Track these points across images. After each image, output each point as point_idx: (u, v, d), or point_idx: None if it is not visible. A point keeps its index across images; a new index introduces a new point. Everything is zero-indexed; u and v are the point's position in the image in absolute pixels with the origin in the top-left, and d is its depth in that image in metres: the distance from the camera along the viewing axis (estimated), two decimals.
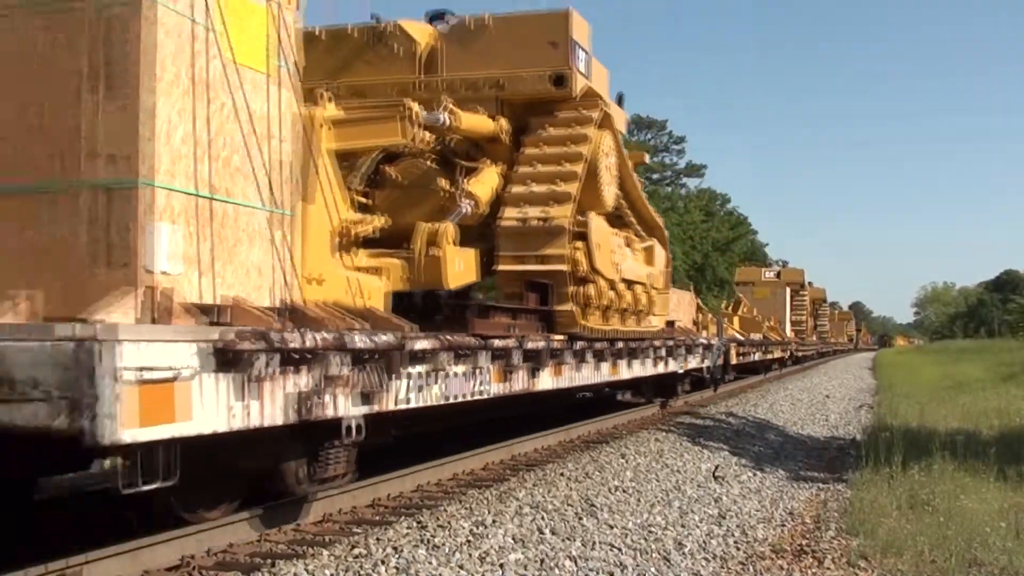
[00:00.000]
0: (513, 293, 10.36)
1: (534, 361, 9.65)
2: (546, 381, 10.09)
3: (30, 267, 5.43)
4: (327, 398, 6.17)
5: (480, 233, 10.40)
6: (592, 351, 11.34)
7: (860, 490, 10.24)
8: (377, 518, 7.47)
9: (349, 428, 6.54)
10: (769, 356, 31.02)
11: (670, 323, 16.15)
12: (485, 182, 10.48)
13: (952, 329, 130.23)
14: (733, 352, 22.51)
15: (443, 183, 10.14)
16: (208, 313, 5.68)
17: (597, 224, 11.33)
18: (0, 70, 5.66)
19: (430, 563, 6.19)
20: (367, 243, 8.39)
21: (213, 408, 5.21)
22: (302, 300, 6.78)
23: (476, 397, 8.58)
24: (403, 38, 11.13)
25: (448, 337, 7.84)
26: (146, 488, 5.02)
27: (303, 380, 5.94)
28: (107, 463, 7.65)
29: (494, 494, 8.54)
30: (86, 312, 5.10)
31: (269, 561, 5.98)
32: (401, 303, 8.44)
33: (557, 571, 6.47)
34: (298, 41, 7.06)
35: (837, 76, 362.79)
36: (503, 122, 10.95)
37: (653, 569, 6.90)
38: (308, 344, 5.83)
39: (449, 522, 7.26)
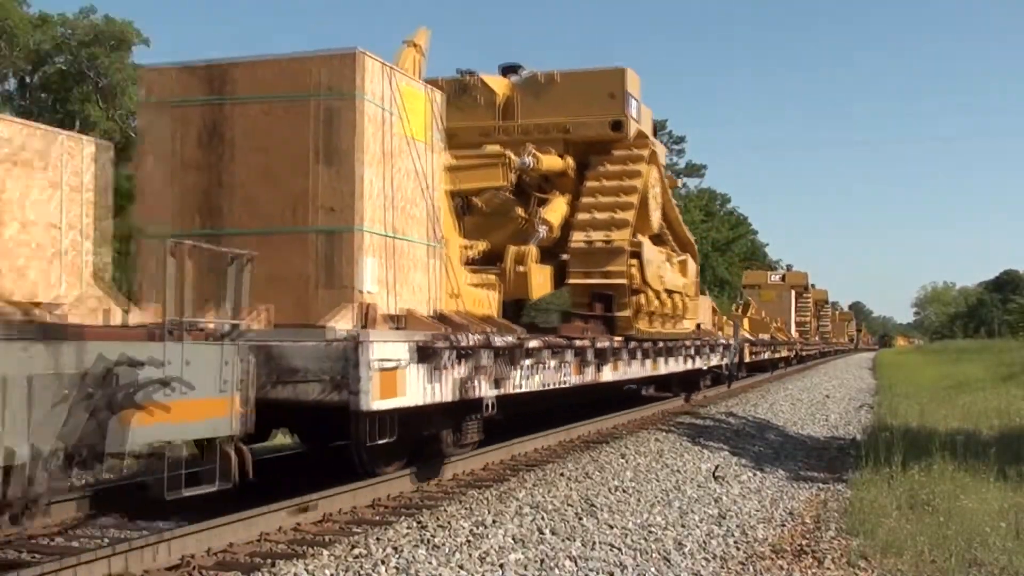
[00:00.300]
0: (581, 302, 12.82)
1: (601, 358, 12.27)
2: (607, 374, 12.68)
3: (268, 287, 7.17)
4: (476, 382, 8.75)
5: (551, 252, 12.90)
6: (641, 350, 13.98)
7: (860, 490, 10.24)
8: (377, 518, 7.47)
9: (487, 405, 9.12)
10: (777, 355, 33.13)
11: (698, 326, 18.30)
12: (556, 210, 13.07)
13: (952, 329, 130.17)
14: (746, 351, 24.63)
15: (520, 211, 12.84)
16: (393, 321, 8.09)
17: (647, 245, 13.82)
18: (252, 146, 7.94)
19: (430, 563, 6.19)
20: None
21: (417, 388, 7.71)
22: (446, 310, 9.29)
23: (560, 386, 11.06)
24: (484, 89, 13.64)
25: (548, 338, 10.66)
26: (381, 442, 7.62)
27: (463, 369, 8.47)
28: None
29: (494, 494, 8.54)
30: (317, 321, 7.33)
31: (269, 561, 5.98)
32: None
33: (557, 571, 6.47)
34: (442, 113, 9.40)
35: (838, 76, 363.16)
36: (569, 160, 13.64)
37: (653, 569, 6.90)
38: (471, 343, 8.52)
39: (449, 522, 7.26)
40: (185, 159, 8.11)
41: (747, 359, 25.06)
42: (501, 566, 6.34)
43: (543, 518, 7.71)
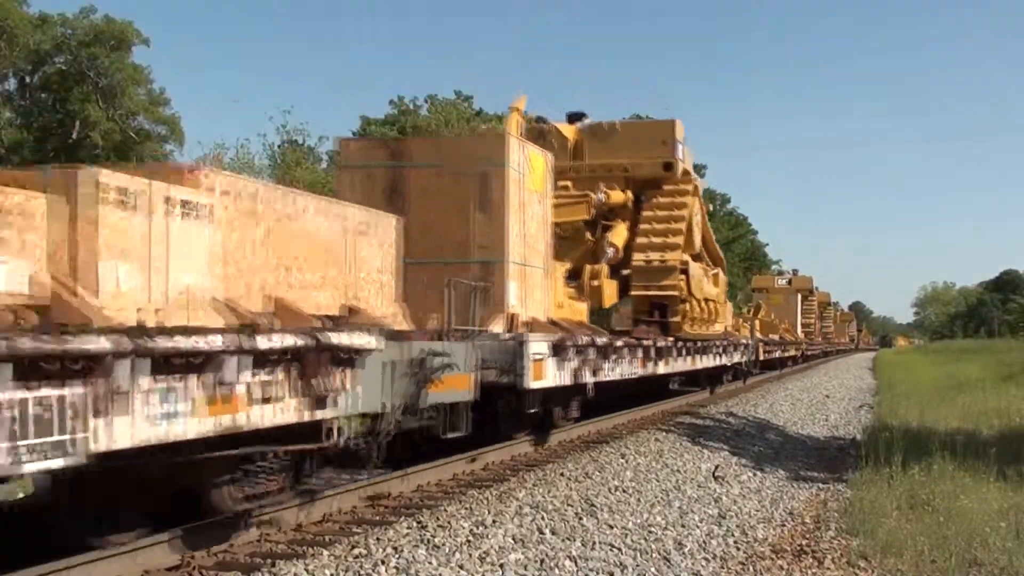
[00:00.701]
0: (641, 310, 15.99)
1: (659, 355, 15.61)
2: (662, 368, 16.01)
3: (439, 301, 9.12)
4: (584, 371, 11.92)
5: (615, 269, 16.12)
6: (686, 348, 17.36)
7: (860, 490, 10.24)
8: (377, 518, 7.47)
9: (588, 388, 12.29)
10: (785, 354, 36.66)
11: (725, 328, 20.93)
12: (619, 235, 16.48)
13: (952, 329, 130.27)
14: (760, 350, 27.81)
15: (588, 235, 16.04)
16: (526, 326, 10.76)
17: (692, 263, 17.18)
18: (425, 199, 10.72)
19: (430, 563, 6.19)
20: None
21: (551, 374, 10.79)
22: (555, 317, 12.13)
23: (630, 376, 14.18)
24: (558, 135, 16.73)
25: (627, 339, 14.11)
26: (531, 412, 10.86)
27: (576, 362, 11.66)
28: None
29: (494, 494, 8.54)
30: (478, 327, 9.57)
31: (269, 561, 5.98)
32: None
33: (557, 571, 6.47)
34: (552, 168, 12.51)
35: (838, 76, 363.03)
36: (629, 194, 16.97)
37: (653, 569, 6.90)
38: (583, 343, 11.85)
39: (449, 522, 7.26)
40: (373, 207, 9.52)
41: (761, 357, 28.11)
42: (501, 566, 6.34)
43: (543, 518, 7.71)
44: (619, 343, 13.45)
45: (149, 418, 4.84)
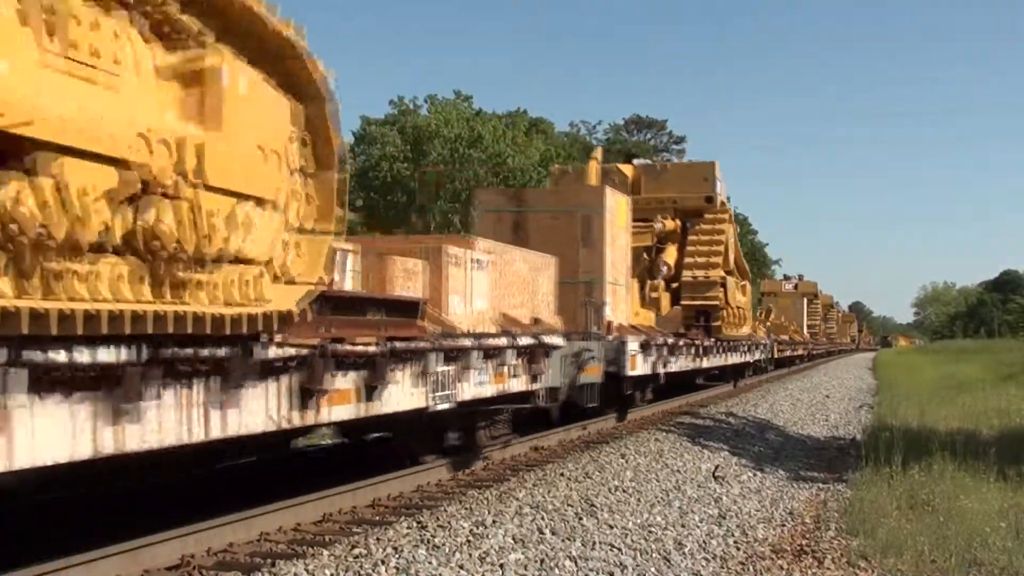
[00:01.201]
0: (689, 316, 20.31)
1: (705, 352, 19.72)
2: (706, 362, 20.12)
3: (557, 309, 12.13)
4: (658, 364, 15.64)
5: (667, 283, 20.60)
6: (722, 346, 21.45)
7: (860, 490, 10.24)
8: (377, 518, 7.48)
9: (660, 377, 16.18)
10: (795, 353, 41.27)
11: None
12: (670, 256, 21.00)
13: (952, 329, 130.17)
14: (775, 349, 32.48)
15: (645, 256, 19.87)
16: (618, 330, 14.35)
17: (728, 278, 21.66)
18: (541, 236, 13.95)
19: (430, 563, 6.19)
20: None
21: (641, 365, 14.44)
22: (633, 322, 16.15)
23: (685, 368, 18.27)
24: (619, 173, 20.99)
25: (685, 339, 18.14)
26: (627, 393, 14.89)
27: (653, 356, 15.40)
28: None
29: (494, 494, 8.54)
30: (594, 332, 12.94)
31: (269, 561, 5.98)
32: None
33: (557, 571, 6.48)
34: (631, 208, 16.64)
35: (838, 75, 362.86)
36: (677, 222, 21.32)
37: (653, 569, 6.90)
38: (659, 342, 15.95)
39: (449, 522, 7.26)
40: (504, 242, 12.14)
41: (776, 355, 32.76)
42: (501, 566, 6.34)
43: (543, 518, 7.71)
44: (680, 343, 17.66)
45: (476, 383, 8.79)
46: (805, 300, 48.45)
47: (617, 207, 15.30)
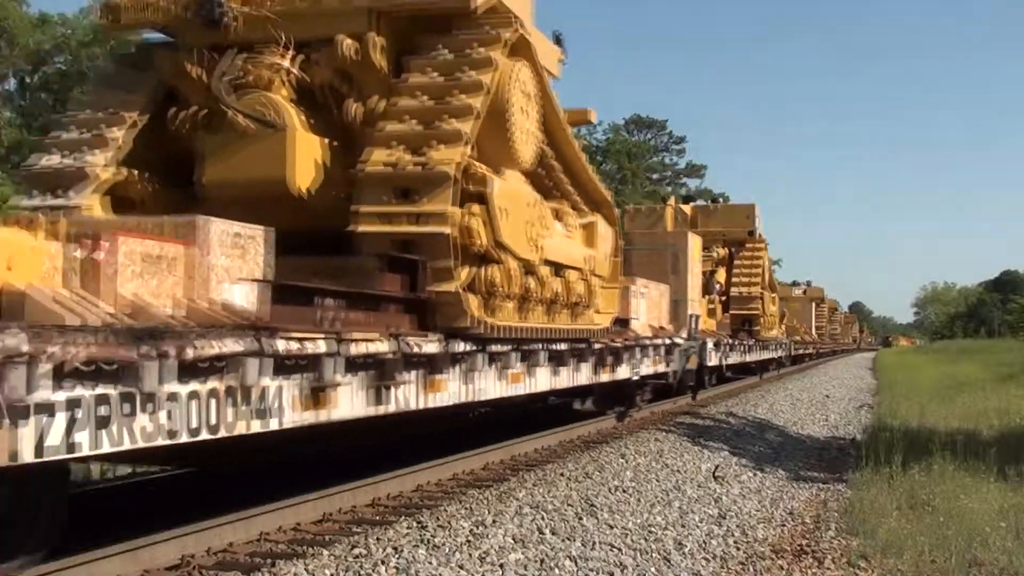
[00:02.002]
0: (736, 322, 27.49)
1: (750, 349, 25.96)
2: (750, 357, 26.33)
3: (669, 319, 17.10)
4: (723, 358, 21.14)
5: (718, 298, 26.97)
6: (759, 345, 28.10)
7: (860, 490, 10.24)
8: (377, 518, 7.48)
9: (724, 368, 22.08)
10: (806, 352, 46.32)
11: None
12: (721, 276, 27.92)
13: (952, 329, 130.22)
14: (792, 347, 36.75)
15: (702, 277, 23.22)
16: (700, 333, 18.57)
17: (764, 292, 29.01)
18: (646, 268, 18.09)
19: (430, 563, 6.19)
20: None
21: (715, 359, 20.03)
22: (703, 327, 20.05)
23: (738, 361, 23.80)
24: (682, 213, 27.05)
25: (738, 340, 24.39)
26: (703, 378, 20.10)
27: (721, 351, 20.85)
28: None
29: (494, 494, 8.54)
30: (673, 336, 16.46)
31: (269, 561, 5.98)
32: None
33: (557, 571, 6.47)
34: (701, 245, 21.99)
35: (838, 75, 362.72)
36: (725, 250, 29.43)
37: (653, 569, 6.90)
38: (725, 342, 21.74)
39: (449, 522, 7.26)
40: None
41: (792, 353, 37.16)
42: (501, 566, 6.34)
43: (543, 518, 7.71)
44: (736, 342, 23.25)
45: (647, 366, 14.30)
46: (813, 304, 52.78)
47: (693, 244, 20.70)
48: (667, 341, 15.53)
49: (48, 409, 4.04)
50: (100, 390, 4.28)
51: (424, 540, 6.67)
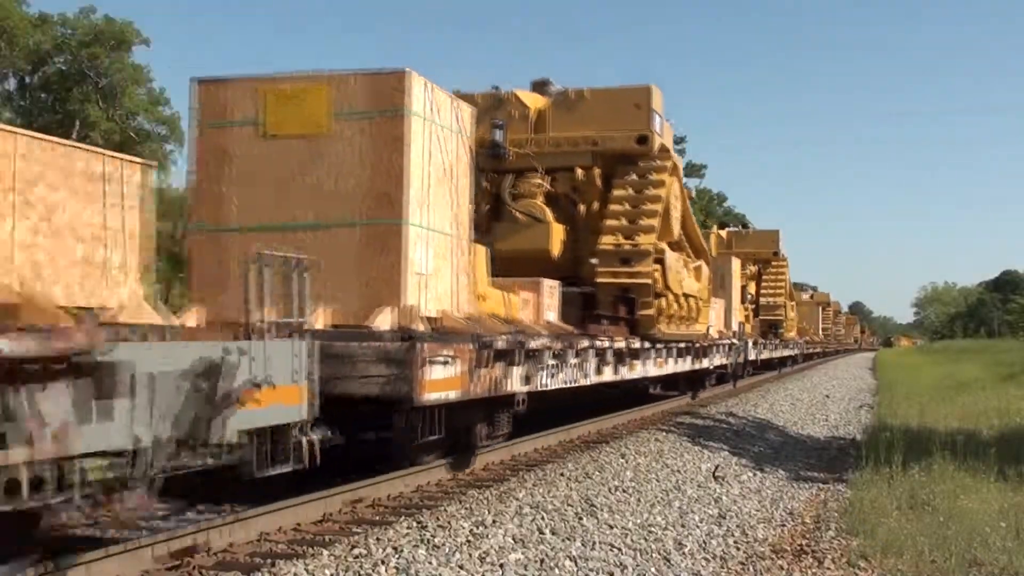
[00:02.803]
0: (765, 327, 32.12)
1: (775, 348, 31.99)
2: (776, 354, 32.40)
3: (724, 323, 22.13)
4: (758, 353, 27.03)
5: (749, 306, 29.76)
6: (785, 344, 33.85)
7: (860, 490, 10.24)
8: (377, 518, 7.47)
9: (757, 361, 27.45)
10: (815, 351, 51.23)
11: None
12: (752, 288, 31.92)
13: (952, 329, 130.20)
14: (805, 347, 42.59)
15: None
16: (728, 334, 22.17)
17: (787, 303, 33.26)
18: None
19: (430, 563, 6.19)
20: None
21: (753, 354, 25.90)
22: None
23: (767, 357, 30.87)
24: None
25: (767, 340, 30.90)
26: (745, 370, 25.06)
27: (757, 349, 27.19)
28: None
29: (494, 494, 8.54)
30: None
31: (269, 561, 5.98)
32: None
33: (557, 571, 6.47)
34: (740, 265, 27.02)
35: (838, 75, 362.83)
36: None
37: (653, 569, 6.90)
38: (760, 341, 28.89)
39: (449, 522, 7.26)
40: None
41: (805, 352, 42.74)
42: (501, 566, 6.34)
43: (543, 518, 7.71)
44: (765, 342, 28.73)
45: (719, 357, 20.71)
46: (820, 308, 56.39)
47: (736, 265, 24.78)
48: (727, 342, 21.14)
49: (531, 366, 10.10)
50: (550, 360, 10.61)
51: (424, 540, 6.67)
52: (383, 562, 6.10)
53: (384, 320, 8.15)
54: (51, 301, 5.58)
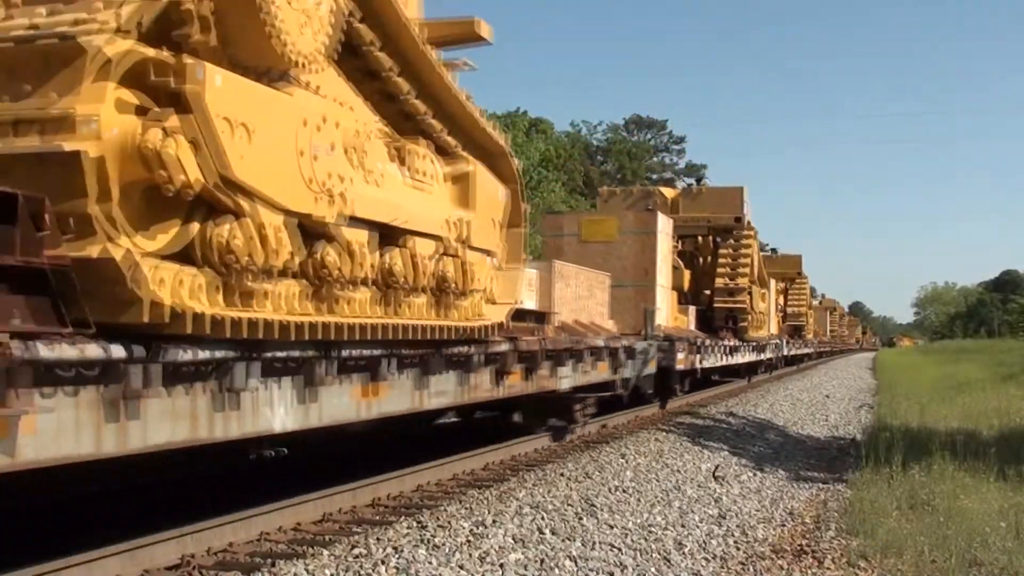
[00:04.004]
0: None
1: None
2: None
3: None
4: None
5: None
6: (805, 343, 43.13)
7: (860, 490, 10.24)
8: (377, 518, 7.48)
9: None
10: (824, 350, 57.08)
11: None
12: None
13: (952, 329, 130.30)
14: (818, 346, 48.01)
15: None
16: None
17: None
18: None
19: (430, 563, 6.19)
20: None
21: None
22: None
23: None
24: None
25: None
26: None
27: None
28: None
29: (494, 494, 8.54)
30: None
31: (269, 561, 5.98)
32: None
33: (557, 571, 6.47)
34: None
35: (837, 75, 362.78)
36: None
37: (653, 569, 6.90)
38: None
39: (449, 522, 7.26)
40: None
41: (818, 350, 48.66)
42: (501, 566, 6.34)
43: (543, 518, 7.71)
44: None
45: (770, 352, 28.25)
46: (828, 312, 62.85)
47: (774, 286, 23.67)
48: (774, 341, 23.86)
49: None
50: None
51: (424, 540, 6.67)
52: (383, 562, 6.10)
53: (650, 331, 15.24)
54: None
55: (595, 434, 13.53)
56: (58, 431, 4.16)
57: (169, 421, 4.88)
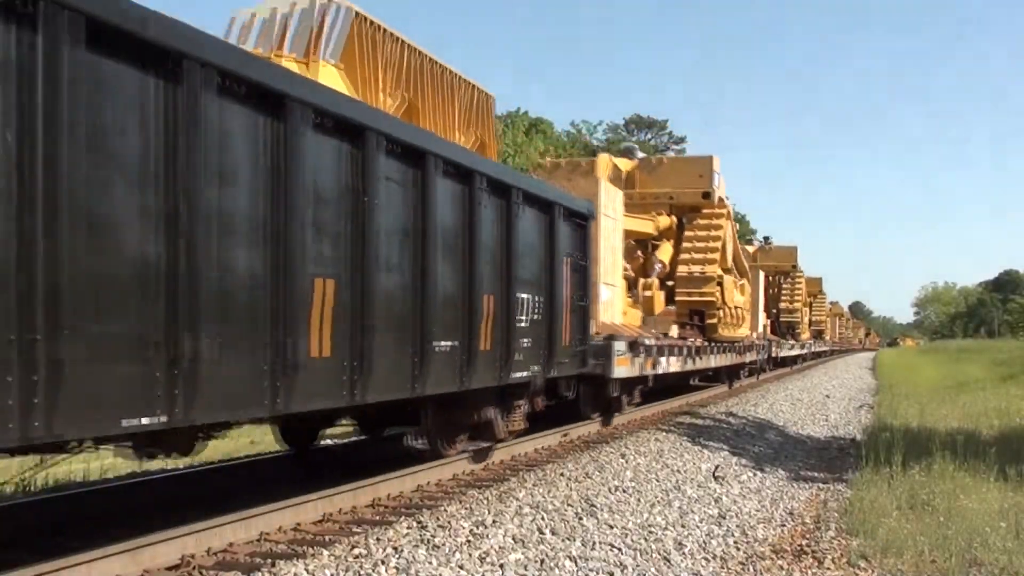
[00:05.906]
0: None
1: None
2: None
3: None
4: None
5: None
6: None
7: (860, 490, 10.24)
8: (377, 518, 7.47)
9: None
10: (831, 349, 60.54)
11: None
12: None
13: (952, 329, 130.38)
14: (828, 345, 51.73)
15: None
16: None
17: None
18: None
19: (430, 563, 6.19)
20: None
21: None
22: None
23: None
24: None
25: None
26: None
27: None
28: None
29: (494, 494, 8.54)
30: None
31: (269, 561, 5.98)
32: None
33: (557, 571, 6.47)
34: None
35: (838, 75, 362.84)
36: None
37: (653, 569, 6.90)
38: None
39: (449, 522, 7.26)
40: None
41: (822, 349, 50.25)
42: (501, 566, 6.34)
43: (543, 518, 7.71)
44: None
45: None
46: (836, 318, 66.26)
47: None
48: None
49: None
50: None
51: (424, 540, 6.67)
52: (383, 562, 6.10)
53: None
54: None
55: (594, 434, 13.52)
56: None
57: (715, 358, 20.00)
